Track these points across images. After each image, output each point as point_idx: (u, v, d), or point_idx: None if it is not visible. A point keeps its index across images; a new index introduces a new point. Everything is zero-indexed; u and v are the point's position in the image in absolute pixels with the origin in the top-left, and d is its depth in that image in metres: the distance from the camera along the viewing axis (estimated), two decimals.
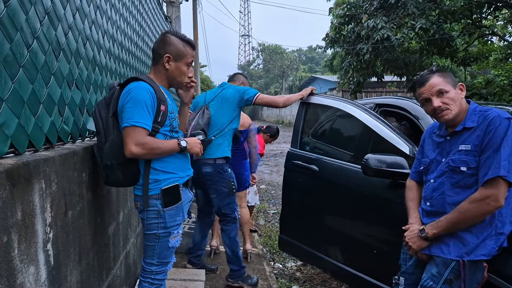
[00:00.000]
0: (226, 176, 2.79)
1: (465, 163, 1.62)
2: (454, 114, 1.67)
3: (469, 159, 1.62)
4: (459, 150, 1.66)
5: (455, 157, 1.67)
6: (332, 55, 21.57)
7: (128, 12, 2.83)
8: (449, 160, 1.69)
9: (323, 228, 2.90)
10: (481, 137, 1.59)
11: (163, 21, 5.00)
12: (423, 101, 1.76)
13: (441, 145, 1.78)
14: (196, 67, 11.15)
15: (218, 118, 2.75)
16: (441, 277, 1.63)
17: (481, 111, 1.66)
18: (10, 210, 1.08)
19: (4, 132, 1.13)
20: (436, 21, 10.44)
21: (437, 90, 1.68)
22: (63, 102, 1.57)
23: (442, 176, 1.72)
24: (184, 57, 1.81)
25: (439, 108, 1.67)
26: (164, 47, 1.79)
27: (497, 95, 9.70)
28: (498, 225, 1.61)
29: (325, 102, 3.04)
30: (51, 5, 1.44)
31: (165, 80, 1.85)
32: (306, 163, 2.96)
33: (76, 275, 1.57)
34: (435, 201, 1.73)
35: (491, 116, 1.60)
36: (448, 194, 1.67)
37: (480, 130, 1.61)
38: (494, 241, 1.59)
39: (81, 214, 1.63)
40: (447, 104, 1.66)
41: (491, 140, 1.55)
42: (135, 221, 2.75)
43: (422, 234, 1.69)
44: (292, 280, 3.39)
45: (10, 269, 1.08)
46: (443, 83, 1.69)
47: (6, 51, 1.14)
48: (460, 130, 1.68)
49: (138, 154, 1.63)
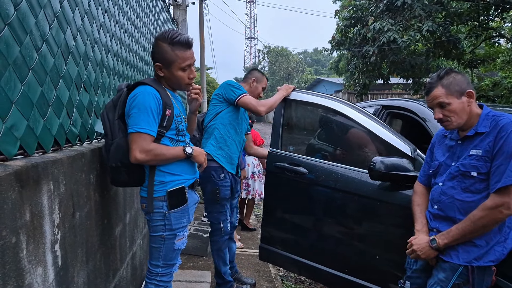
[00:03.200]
0: (212, 180, 2.61)
1: (476, 168, 1.61)
2: (456, 125, 1.67)
3: (479, 164, 1.60)
4: (470, 155, 1.65)
5: (465, 161, 1.65)
6: (338, 57, 21.51)
7: (135, 15, 2.86)
8: (459, 164, 1.67)
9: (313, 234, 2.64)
10: (492, 142, 1.58)
11: (170, 24, 5.03)
12: (431, 108, 1.79)
13: (452, 149, 1.77)
14: (202, 70, 11.17)
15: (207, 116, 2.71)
16: (449, 282, 1.61)
17: (494, 116, 1.65)
18: (19, 211, 1.09)
19: (14, 134, 1.14)
20: (442, 23, 10.37)
21: (438, 102, 1.68)
22: (71, 105, 1.58)
23: (452, 180, 1.70)
24: (174, 62, 1.73)
25: (440, 120, 1.70)
26: (154, 55, 1.78)
27: (505, 97, 9.62)
28: (507, 231, 1.60)
29: (307, 99, 2.76)
30: (60, 8, 1.46)
31: (167, 84, 1.85)
32: (293, 165, 2.65)
33: (83, 276, 1.58)
34: (443, 204, 1.71)
35: (502, 122, 1.59)
36: (457, 199, 1.66)
37: (492, 136, 1.60)
38: (502, 247, 1.58)
39: (89, 216, 1.64)
40: (448, 117, 1.67)
41: (503, 147, 1.54)
42: (141, 222, 2.76)
43: (433, 245, 1.66)
44: (297, 282, 3.38)
45: (19, 269, 1.09)
46: (444, 95, 1.67)
47: (16, 54, 1.15)
48: (471, 135, 1.67)
49: (143, 161, 1.66)
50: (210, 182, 2.61)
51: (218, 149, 2.63)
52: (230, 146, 2.66)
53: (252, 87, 2.82)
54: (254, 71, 2.92)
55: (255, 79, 2.83)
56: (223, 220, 2.69)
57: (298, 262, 2.65)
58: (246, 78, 2.88)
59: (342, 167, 2.47)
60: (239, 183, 2.93)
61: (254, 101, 2.61)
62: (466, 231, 1.58)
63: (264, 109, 2.58)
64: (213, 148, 2.62)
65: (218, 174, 2.60)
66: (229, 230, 2.75)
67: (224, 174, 2.64)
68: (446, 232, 1.64)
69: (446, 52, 11.00)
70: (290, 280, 3.40)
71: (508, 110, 2.80)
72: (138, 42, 2.98)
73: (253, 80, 2.83)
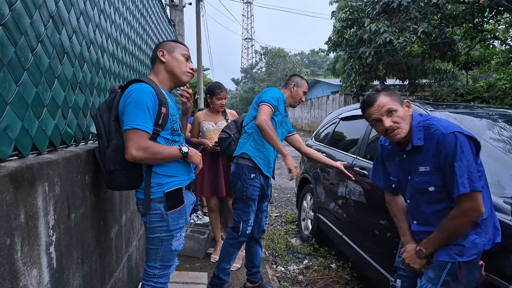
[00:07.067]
0: (242, 178, 2.65)
1: (430, 183, 1.65)
2: (405, 132, 1.69)
3: (432, 178, 1.64)
4: (420, 172, 1.68)
5: (418, 179, 1.70)
6: (334, 58, 21.60)
7: (131, 16, 2.85)
8: (414, 182, 1.72)
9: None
10: (436, 157, 1.61)
11: (166, 25, 5.02)
12: (373, 122, 1.75)
13: (400, 163, 1.81)
14: (199, 71, 11.16)
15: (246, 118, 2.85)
16: (439, 280, 1.64)
17: (424, 126, 1.67)
18: (14, 212, 1.08)
19: (8, 135, 1.14)
20: (438, 25, 10.44)
21: (387, 109, 1.68)
22: (66, 105, 1.57)
23: (414, 196, 1.75)
24: (176, 48, 1.87)
25: (391, 128, 1.68)
26: (157, 48, 1.88)
27: (499, 98, 9.70)
28: (483, 222, 1.63)
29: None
30: (55, 9, 1.45)
31: (166, 78, 1.85)
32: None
33: (79, 278, 1.57)
34: (420, 219, 1.77)
35: (435, 135, 1.61)
36: (427, 212, 1.71)
37: (432, 150, 1.62)
38: (482, 239, 1.62)
39: (84, 217, 1.63)
40: (398, 123, 1.68)
41: (446, 160, 1.58)
42: (137, 224, 2.75)
43: (421, 255, 1.71)
44: (294, 283, 3.38)
45: (13, 271, 1.08)
46: (391, 102, 1.69)
47: (10, 55, 1.15)
48: (410, 149, 1.70)
49: (139, 158, 1.62)
50: (241, 179, 2.66)
51: (256, 150, 2.68)
52: (268, 148, 2.70)
53: (293, 92, 2.84)
54: (294, 76, 2.93)
55: (295, 84, 2.85)
56: (244, 221, 2.68)
57: None
58: (287, 84, 2.90)
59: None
60: (271, 188, 2.91)
61: (264, 113, 2.56)
62: (444, 238, 1.63)
63: (264, 124, 2.50)
64: (251, 149, 2.68)
65: (249, 172, 2.64)
66: (247, 232, 2.71)
67: (256, 174, 2.67)
68: (427, 240, 1.69)
69: (442, 53, 11.08)
70: (287, 281, 3.40)
71: (503, 111, 2.82)
72: (135, 43, 2.97)
73: (293, 85, 2.85)
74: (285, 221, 5.37)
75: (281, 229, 4.89)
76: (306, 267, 3.70)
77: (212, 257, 3.56)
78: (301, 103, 3.13)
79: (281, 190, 7.45)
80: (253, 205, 2.69)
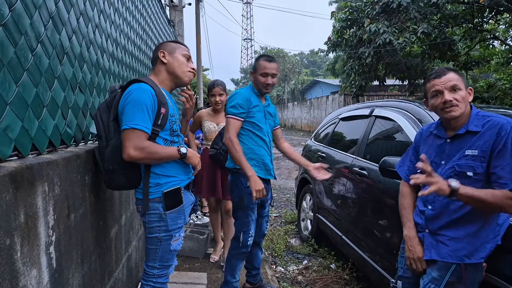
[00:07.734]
0: (239, 186, 2.56)
1: (472, 168, 1.62)
2: (461, 113, 1.67)
3: (475, 164, 1.61)
4: (465, 155, 1.65)
5: (461, 162, 1.65)
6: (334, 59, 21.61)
7: (131, 16, 2.85)
8: (454, 164, 1.67)
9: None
10: (490, 143, 1.58)
11: (166, 25, 5.03)
12: (433, 93, 1.73)
13: (441, 147, 1.77)
14: (199, 71, 11.18)
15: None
16: (442, 280, 1.63)
17: (484, 115, 1.67)
18: (13, 212, 1.08)
19: (8, 136, 1.14)
20: (438, 25, 10.45)
21: (452, 85, 1.68)
22: (66, 106, 1.58)
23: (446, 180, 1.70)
24: (177, 48, 1.89)
25: (450, 103, 1.66)
26: (158, 48, 1.89)
27: (499, 99, 9.70)
28: (497, 228, 1.63)
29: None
30: (55, 9, 1.46)
31: (166, 79, 1.85)
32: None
33: (78, 278, 1.57)
34: (438, 204, 1.72)
35: (500, 122, 1.60)
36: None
37: (489, 136, 1.60)
38: (491, 244, 1.61)
39: (84, 217, 1.64)
40: (458, 101, 1.66)
41: (507, 146, 1.55)
42: (137, 224, 2.75)
43: (453, 185, 1.51)
44: (294, 283, 3.38)
45: (13, 271, 1.09)
46: (458, 80, 1.70)
47: (10, 55, 1.15)
48: (462, 133, 1.67)
49: (136, 158, 1.62)
50: (238, 188, 2.57)
51: (249, 160, 2.53)
52: (258, 153, 2.59)
53: (254, 80, 2.62)
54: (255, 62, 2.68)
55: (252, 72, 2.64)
56: (244, 231, 2.60)
57: None
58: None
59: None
60: (271, 191, 2.84)
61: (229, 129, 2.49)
62: (484, 199, 1.51)
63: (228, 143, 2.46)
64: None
65: (246, 181, 2.49)
66: (248, 243, 2.64)
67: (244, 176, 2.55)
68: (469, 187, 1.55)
69: (441, 54, 11.08)
70: (287, 281, 3.40)
71: (503, 111, 2.83)
72: (134, 43, 2.97)
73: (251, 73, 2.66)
74: (284, 221, 5.37)
75: (281, 229, 4.89)
76: (306, 267, 3.70)
77: (211, 257, 3.56)
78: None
79: (280, 190, 7.45)
80: (252, 214, 2.62)
